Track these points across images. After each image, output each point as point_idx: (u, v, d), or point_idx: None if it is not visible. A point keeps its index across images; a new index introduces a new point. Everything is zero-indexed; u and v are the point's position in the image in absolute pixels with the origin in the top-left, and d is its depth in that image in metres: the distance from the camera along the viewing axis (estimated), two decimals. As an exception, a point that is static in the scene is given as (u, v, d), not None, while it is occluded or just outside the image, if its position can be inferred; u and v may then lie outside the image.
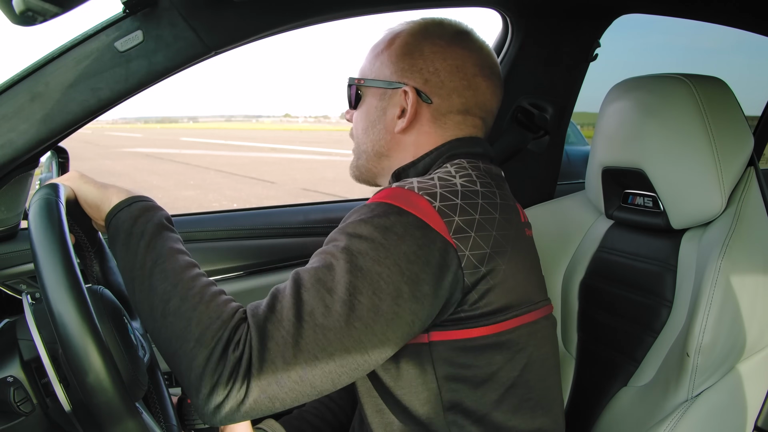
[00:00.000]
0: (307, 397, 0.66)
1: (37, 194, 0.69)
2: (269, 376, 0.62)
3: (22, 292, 1.11)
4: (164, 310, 0.65)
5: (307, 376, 0.64)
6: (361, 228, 0.68)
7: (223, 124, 62.63)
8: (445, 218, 0.70)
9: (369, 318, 0.64)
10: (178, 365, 0.64)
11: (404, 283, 0.66)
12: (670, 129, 0.96)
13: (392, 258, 0.66)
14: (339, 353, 0.64)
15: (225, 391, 0.61)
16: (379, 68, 0.90)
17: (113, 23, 0.88)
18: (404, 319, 0.66)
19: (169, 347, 0.65)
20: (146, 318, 0.67)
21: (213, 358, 0.62)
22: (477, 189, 0.76)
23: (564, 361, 1.15)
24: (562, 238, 1.21)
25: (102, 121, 43.65)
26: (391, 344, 0.67)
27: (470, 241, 0.71)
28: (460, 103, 0.87)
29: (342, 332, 0.64)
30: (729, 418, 0.88)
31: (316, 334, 0.63)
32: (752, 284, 0.87)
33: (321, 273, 0.66)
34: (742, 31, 1.43)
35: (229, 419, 0.63)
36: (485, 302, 0.72)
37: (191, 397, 0.63)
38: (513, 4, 1.33)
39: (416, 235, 0.67)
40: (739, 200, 0.93)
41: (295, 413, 1.06)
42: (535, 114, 1.41)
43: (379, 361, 0.68)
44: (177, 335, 0.64)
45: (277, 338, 0.63)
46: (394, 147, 0.90)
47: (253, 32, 0.97)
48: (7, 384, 0.67)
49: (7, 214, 1.02)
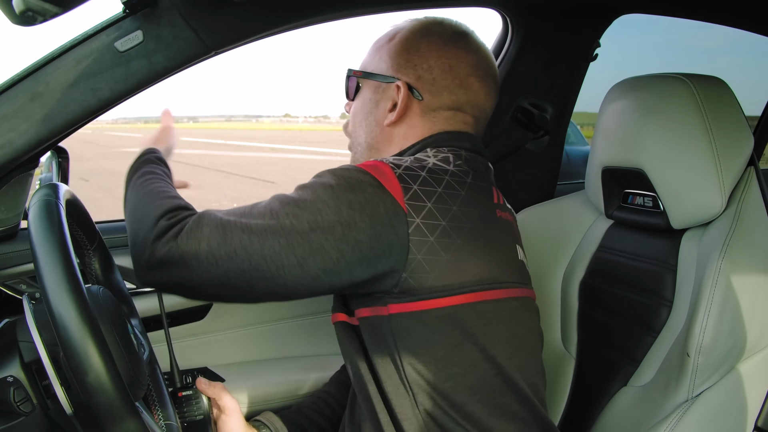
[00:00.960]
0: (223, 288, 0.73)
1: (36, 194, 0.69)
2: (190, 246, 0.71)
3: (23, 293, 1.11)
4: (133, 202, 0.81)
5: (225, 263, 0.71)
6: (326, 175, 0.76)
7: (223, 124, 62.60)
8: (403, 183, 0.74)
9: (294, 239, 0.71)
10: (137, 229, 0.76)
11: (338, 224, 0.72)
12: (670, 129, 0.96)
13: (336, 200, 0.72)
14: (257, 257, 0.71)
15: (154, 243, 0.72)
16: (377, 62, 0.94)
17: (113, 23, 0.88)
18: (329, 253, 0.72)
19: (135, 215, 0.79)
20: (128, 206, 0.83)
21: (160, 224, 0.73)
22: (448, 168, 0.80)
23: (564, 361, 1.15)
24: (562, 237, 1.21)
25: (102, 121, 43.62)
26: (310, 272, 0.72)
27: (425, 210, 0.74)
28: (450, 101, 0.90)
29: (264, 241, 0.71)
30: (729, 418, 0.88)
31: (242, 233, 0.71)
32: (752, 284, 0.87)
33: (274, 197, 0.76)
34: (742, 31, 1.44)
35: (155, 270, 0.72)
36: (437, 275, 0.74)
37: (138, 249, 0.74)
38: (513, 4, 1.33)
39: (367, 191, 0.73)
40: (739, 200, 0.93)
41: (294, 408, 1.07)
42: (535, 114, 1.41)
43: (295, 284, 0.73)
44: (139, 211, 0.78)
45: (211, 224, 0.72)
46: (384, 140, 0.93)
47: (253, 32, 0.97)
48: (7, 384, 0.67)
49: (7, 214, 1.02)
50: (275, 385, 1.31)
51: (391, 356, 0.78)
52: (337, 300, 0.86)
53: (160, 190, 0.82)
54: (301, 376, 1.33)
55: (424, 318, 0.75)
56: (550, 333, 1.20)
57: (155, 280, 0.74)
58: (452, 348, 0.77)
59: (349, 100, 0.98)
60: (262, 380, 1.31)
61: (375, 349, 0.79)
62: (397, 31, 0.93)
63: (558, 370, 1.15)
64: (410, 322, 0.76)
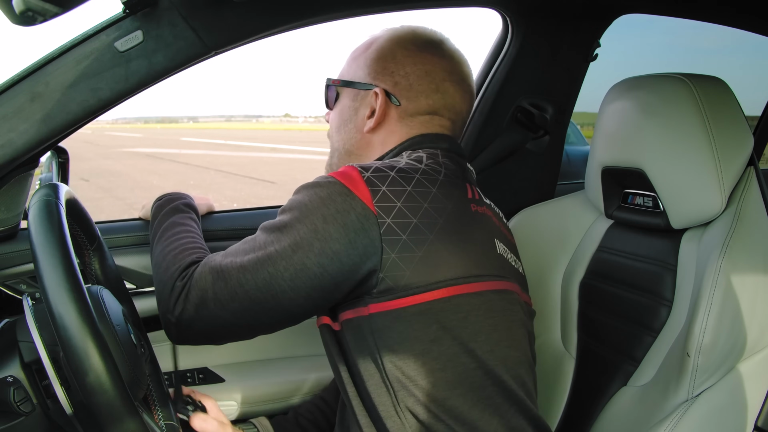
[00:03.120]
0: (236, 328, 0.80)
1: (36, 195, 0.69)
2: (200, 298, 0.78)
3: (23, 293, 1.11)
4: (157, 259, 0.90)
5: (231, 305, 0.77)
6: (301, 191, 0.80)
7: (223, 124, 62.64)
8: (371, 186, 0.77)
9: (280, 264, 0.76)
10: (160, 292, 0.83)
11: (316, 240, 0.75)
12: (670, 129, 0.96)
13: (311, 218, 0.76)
14: (254, 291, 0.76)
15: (174, 305, 0.79)
16: (354, 70, 0.96)
17: (113, 23, 0.88)
18: (312, 270, 0.75)
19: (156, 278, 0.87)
20: (153, 262, 0.92)
21: (176, 286, 0.80)
22: (420, 167, 0.82)
23: (564, 361, 1.15)
24: (562, 237, 1.21)
25: (102, 121, 43.67)
26: (301, 293, 0.76)
27: (394, 210, 0.76)
28: (427, 105, 0.92)
29: (256, 274, 0.76)
30: (729, 418, 0.88)
31: (238, 272, 0.77)
32: (752, 284, 0.87)
33: (261, 228, 0.81)
34: (742, 31, 1.44)
35: (181, 328, 0.80)
36: (412, 272, 0.76)
37: (164, 310, 0.81)
38: (513, 4, 1.33)
39: (337, 201, 0.76)
40: (739, 200, 0.93)
41: (290, 414, 1.08)
42: (535, 114, 1.41)
43: (293, 307, 0.77)
44: (161, 273, 0.86)
45: (212, 271, 0.78)
46: (364, 146, 0.96)
47: (253, 32, 0.97)
48: (6, 384, 0.67)
49: (7, 214, 1.02)
50: (274, 385, 1.31)
51: (372, 356, 0.78)
52: None
53: (182, 247, 0.89)
54: (301, 376, 1.33)
55: (402, 315, 0.76)
56: (550, 333, 1.20)
57: (187, 339, 0.83)
58: (430, 343, 0.77)
59: (329, 109, 1.01)
60: (262, 380, 1.31)
61: (357, 351, 0.80)
62: (374, 40, 0.96)
63: (558, 370, 1.15)
64: (389, 321, 0.77)
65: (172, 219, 0.97)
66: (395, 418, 0.78)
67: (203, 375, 1.30)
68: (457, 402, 0.78)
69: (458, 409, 0.78)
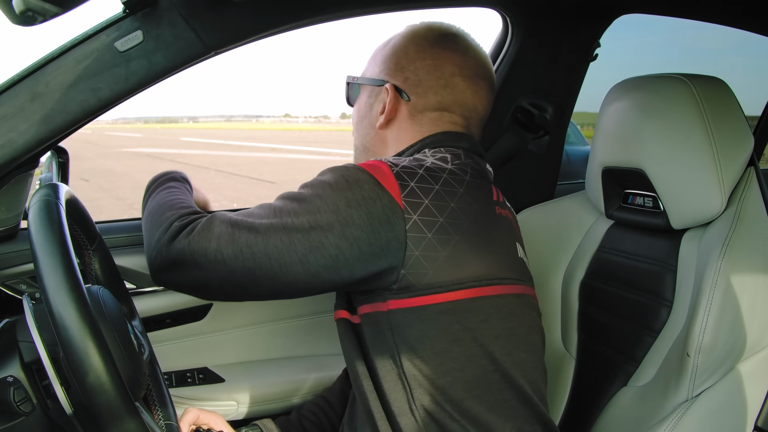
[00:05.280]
0: (231, 286, 0.76)
1: (36, 195, 0.69)
2: (201, 246, 0.75)
3: (23, 293, 1.11)
4: (150, 209, 0.87)
5: (231, 262, 0.74)
6: (326, 173, 0.79)
7: (223, 124, 62.61)
8: (400, 181, 0.76)
9: (295, 236, 0.74)
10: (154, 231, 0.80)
11: (337, 222, 0.74)
12: (670, 129, 0.96)
13: (334, 198, 0.75)
14: (260, 256, 0.74)
15: (171, 241, 0.76)
16: (372, 68, 0.97)
17: (113, 23, 0.88)
18: (328, 251, 0.74)
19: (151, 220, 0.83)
20: (144, 214, 0.88)
21: (174, 226, 0.78)
22: (446, 167, 0.81)
23: (564, 361, 1.15)
24: (562, 238, 1.21)
25: (102, 121, 43.64)
26: (311, 269, 0.74)
27: (422, 207, 0.75)
28: (435, 101, 0.92)
29: (268, 239, 0.74)
30: (729, 418, 0.88)
31: (249, 232, 0.74)
32: (752, 284, 0.87)
33: (279, 197, 0.79)
34: (742, 31, 1.43)
35: (166, 263, 0.77)
36: (435, 271, 0.75)
37: (152, 250, 0.79)
38: (513, 4, 1.33)
39: (364, 188, 0.75)
40: (740, 200, 0.93)
41: (293, 415, 1.07)
42: (535, 114, 1.41)
43: (299, 282, 0.75)
44: (155, 217, 0.83)
45: (222, 223, 0.76)
46: (378, 143, 0.96)
47: (253, 32, 0.97)
48: (6, 384, 0.67)
49: (7, 214, 1.02)
50: (275, 385, 1.31)
51: (390, 352, 0.78)
52: (340, 297, 0.87)
53: (178, 199, 0.86)
54: (301, 376, 1.33)
55: (423, 313, 0.76)
56: (551, 333, 1.20)
57: (168, 280, 0.79)
58: (451, 343, 0.77)
59: (349, 105, 1.03)
60: (262, 380, 1.31)
61: (375, 346, 0.79)
62: (392, 38, 0.97)
63: (558, 370, 1.15)
64: (409, 318, 0.76)
65: (169, 183, 0.95)
66: (409, 416, 0.78)
67: (203, 375, 1.30)
68: (473, 403, 0.78)
69: (474, 410, 0.78)
